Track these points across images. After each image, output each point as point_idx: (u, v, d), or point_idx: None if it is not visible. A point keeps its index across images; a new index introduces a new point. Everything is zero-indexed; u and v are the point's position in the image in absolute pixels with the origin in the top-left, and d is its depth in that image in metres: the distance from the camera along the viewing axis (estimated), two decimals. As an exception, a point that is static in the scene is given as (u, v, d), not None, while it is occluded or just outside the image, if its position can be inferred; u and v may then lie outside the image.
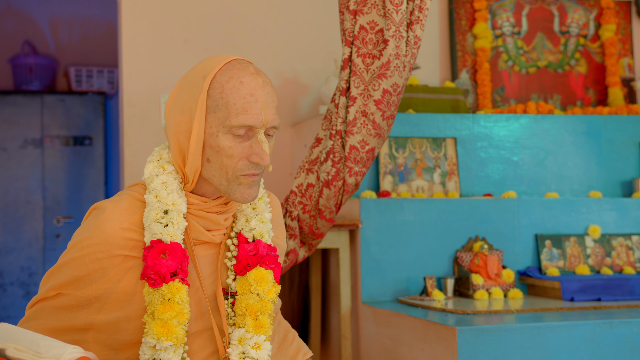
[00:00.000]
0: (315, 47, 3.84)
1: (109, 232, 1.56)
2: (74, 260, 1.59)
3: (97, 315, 1.60)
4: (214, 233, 1.64)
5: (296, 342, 1.88)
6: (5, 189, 5.72)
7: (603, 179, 3.41)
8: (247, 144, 1.55)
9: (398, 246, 3.01)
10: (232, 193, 1.57)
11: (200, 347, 1.64)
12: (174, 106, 1.60)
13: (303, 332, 3.42)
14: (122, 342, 1.61)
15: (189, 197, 1.61)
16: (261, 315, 1.62)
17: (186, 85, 1.59)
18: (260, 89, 1.55)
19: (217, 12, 3.74)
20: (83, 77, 5.84)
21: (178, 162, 1.60)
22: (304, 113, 3.81)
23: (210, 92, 1.55)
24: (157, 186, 1.59)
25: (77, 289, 1.59)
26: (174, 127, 1.58)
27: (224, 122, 1.53)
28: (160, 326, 1.54)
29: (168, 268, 1.55)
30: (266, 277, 1.63)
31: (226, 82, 1.54)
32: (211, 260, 1.66)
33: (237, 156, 1.55)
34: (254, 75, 1.56)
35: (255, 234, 1.66)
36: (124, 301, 1.59)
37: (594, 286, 2.92)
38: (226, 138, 1.54)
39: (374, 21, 2.63)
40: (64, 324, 1.61)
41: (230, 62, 1.58)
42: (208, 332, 1.65)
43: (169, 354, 1.54)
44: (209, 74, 1.56)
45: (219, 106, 1.54)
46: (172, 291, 1.55)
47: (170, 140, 1.60)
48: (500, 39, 3.96)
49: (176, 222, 1.57)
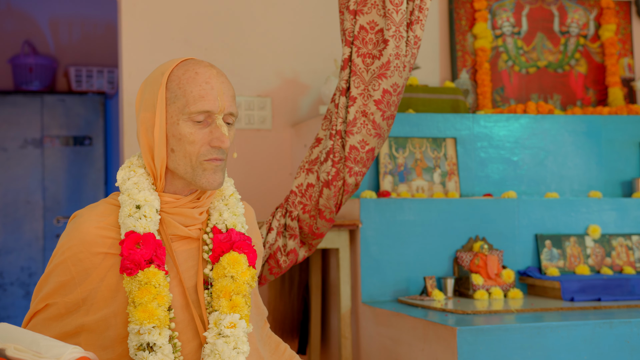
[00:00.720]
0: (315, 47, 3.83)
1: (86, 231, 1.65)
2: (58, 267, 1.66)
3: (86, 317, 1.65)
4: (190, 228, 1.72)
5: (288, 352, 1.95)
6: (5, 189, 5.72)
7: (603, 179, 3.41)
8: (207, 130, 1.65)
9: (398, 246, 3.01)
10: (198, 179, 1.66)
11: (189, 338, 1.68)
12: (139, 107, 1.70)
13: (303, 332, 3.42)
14: (112, 339, 1.65)
15: (162, 196, 1.70)
16: (235, 296, 1.66)
17: (147, 85, 1.69)
18: (215, 77, 1.66)
19: (217, 12, 3.74)
20: (83, 77, 5.84)
21: (148, 160, 1.69)
22: (304, 113, 3.81)
23: (168, 85, 1.65)
24: (129, 186, 1.68)
25: (64, 296, 1.65)
26: (141, 124, 1.68)
27: (184, 110, 1.63)
28: (141, 311, 1.58)
29: (143, 256, 1.61)
30: (239, 260, 1.69)
31: (182, 74, 1.65)
32: (191, 255, 1.72)
33: (198, 142, 1.64)
34: (209, 67, 1.67)
35: (227, 224, 1.74)
36: (109, 298, 1.64)
37: (594, 286, 2.92)
38: (187, 125, 1.64)
39: (374, 21, 2.63)
40: (56, 333, 1.66)
41: (186, 59, 1.70)
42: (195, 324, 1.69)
43: (154, 336, 1.58)
44: (166, 70, 1.67)
45: (177, 96, 1.64)
46: (148, 276, 1.60)
47: (140, 140, 1.69)
48: (500, 39, 3.96)
49: (149, 215, 1.65)
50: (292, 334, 3.36)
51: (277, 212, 2.79)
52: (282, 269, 2.76)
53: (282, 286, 3.32)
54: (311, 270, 3.29)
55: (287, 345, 1.97)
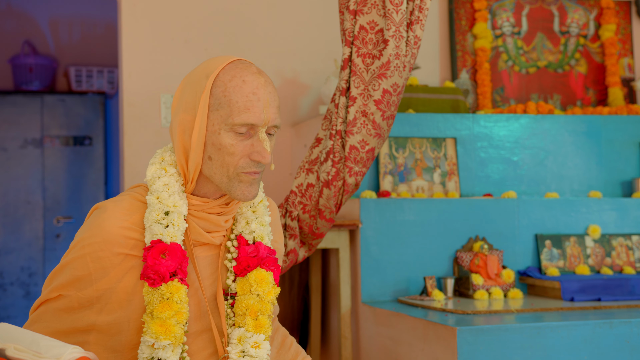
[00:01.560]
0: (315, 47, 3.84)
1: (109, 230, 1.59)
2: (76, 260, 1.61)
3: (99, 316, 1.61)
4: (213, 235, 1.67)
5: (294, 346, 1.91)
6: (5, 189, 5.72)
7: (603, 179, 3.41)
8: (249, 142, 1.58)
9: (398, 246, 3.01)
10: (233, 191, 1.59)
11: (200, 348, 1.65)
12: (178, 106, 1.63)
13: (303, 332, 3.42)
14: (123, 344, 1.62)
15: (190, 198, 1.64)
16: (261, 316, 1.63)
17: (189, 85, 1.62)
18: (263, 88, 1.58)
19: (217, 12, 3.74)
20: (83, 77, 5.84)
21: (181, 161, 1.63)
22: (304, 113, 3.81)
23: (213, 91, 1.58)
24: (159, 188, 1.62)
25: (79, 290, 1.61)
26: (179, 125, 1.61)
27: (227, 120, 1.56)
28: (158, 325, 1.55)
29: (167, 268, 1.56)
30: (266, 279, 1.65)
31: (229, 81, 1.57)
32: (211, 262, 1.68)
33: (238, 154, 1.57)
34: (256, 74, 1.59)
35: (255, 236, 1.68)
36: (125, 301, 1.60)
37: (594, 286, 2.92)
38: (228, 136, 1.57)
39: (374, 21, 2.63)
40: (66, 326, 1.62)
41: (233, 62, 1.61)
42: (208, 333, 1.66)
43: (167, 353, 1.56)
44: (212, 72, 1.59)
45: (222, 104, 1.56)
46: (171, 291, 1.56)
47: (175, 139, 1.63)
48: (500, 39, 3.96)
49: (177, 224, 1.59)
50: (292, 334, 3.36)
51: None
52: (282, 269, 2.77)
53: (282, 286, 3.32)
54: (311, 270, 3.29)
55: (294, 339, 1.93)
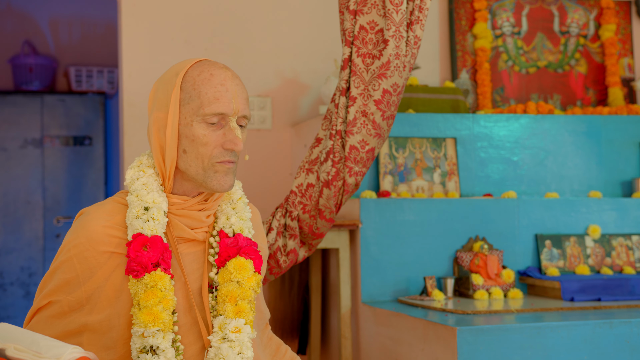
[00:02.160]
0: (315, 47, 3.84)
1: (93, 229, 1.64)
2: (63, 264, 1.66)
3: (90, 317, 1.65)
4: (196, 230, 1.72)
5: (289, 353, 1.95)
6: (5, 189, 5.72)
7: (603, 179, 3.41)
8: (221, 132, 1.66)
9: (398, 246, 3.01)
10: (209, 181, 1.66)
11: (192, 341, 1.68)
12: (152, 106, 1.70)
13: (303, 332, 3.42)
14: (115, 340, 1.65)
15: (170, 197, 1.70)
16: (240, 301, 1.67)
17: (161, 85, 1.69)
18: (230, 80, 1.66)
19: (217, 12, 3.74)
20: (83, 77, 5.84)
21: (159, 159, 1.69)
22: (304, 113, 3.81)
23: (183, 86, 1.65)
24: (137, 187, 1.68)
25: (68, 294, 1.65)
26: (154, 124, 1.68)
27: (198, 112, 1.64)
28: (146, 314, 1.59)
29: (150, 259, 1.61)
30: (245, 265, 1.69)
31: (197, 75, 1.66)
32: (196, 257, 1.72)
33: (212, 144, 1.65)
34: (223, 69, 1.68)
35: (235, 229, 1.74)
36: (113, 298, 1.64)
37: (594, 286, 2.92)
38: (200, 127, 1.64)
39: (374, 21, 2.63)
40: (59, 331, 1.66)
41: (201, 60, 1.70)
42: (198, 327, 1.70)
43: (158, 340, 1.59)
44: (181, 70, 1.67)
45: (192, 97, 1.64)
46: (155, 279, 1.61)
47: (152, 139, 1.69)
48: (500, 39, 3.96)
49: (157, 218, 1.65)
50: (292, 334, 3.36)
51: (277, 212, 2.79)
52: (282, 269, 2.76)
53: (282, 286, 3.32)
54: (311, 270, 3.29)
55: (288, 347, 1.97)
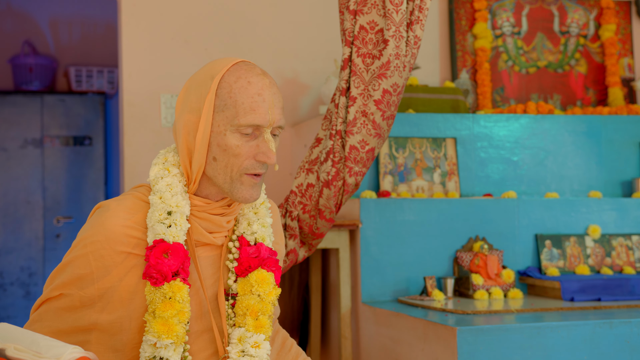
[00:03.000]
0: (315, 47, 3.84)
1: (111, 228, 1.60)
2: (78, 258, 1.62)
3: (100, 315, 1.61)
4: (215, 235, 1.68)
5: (294, 348, 1.92)
6: (5, 189, 5.72)
7: (603, 179, 3.41)
8: (254, 143, 1.60)
9: (398, 246, 3.01)
10: (235, 192, 1.61)
11: (201, 348, 1.66)
12: (182, 107, 1.64)
13: (303, 332, 3.42)
14: (124, 343, 1.63)
15: (193, 199, 1.65)
16: (261, 316, 1.64)
17: (194, 86, 1.63)
18: (268, 89, 1.59)
19: (217, 12, 3.74)
20: (83, 77, 5.84)
21: (185, 161, 1.64)
22: (304, 113, 3.81)
23: (218, 92, 1.59)
24: (161, 188, 1.63)
25: (80, 289, 1.61)
26: (183, 126, 1.62)
27: (232, 121, 1.58)
28: (160, 324, 1.56)
29: (170, 267, 1.57)
30: (267, 279, 1.66)
31: (234, 82, 1.59)
32: (212, 262, 1.69)
33: (244, 155, 1.59)
34: (261, 76, 1.60)
35: (257, 237, 1.70)
36: (126, 300, 1.61)
37: (594, 286, 2.92)
38: (234, 137, 1.58)
39: (374, 21, 2.63)
40: (68, 325, 1.63)
41: (238, 63, 1.62)
42: (209, 333, 1.67)
43: (169, 352, 1.57)
44: (217, 74, 1.60)
45: (227, 105, 1.58)
46: (173, 290, 1.57)
47: (179, 140, 1.64)
48: (500, 39, 3.96)
49: (179, 224, 1.60)
50: (292, 334, 3.36)
51: (277, 212, 2.79)
52: (282, 270, 2.77)
53: (282, 286, 3.32)
54: (311, 270, 3.29)
55: (294, 341, 1.94)
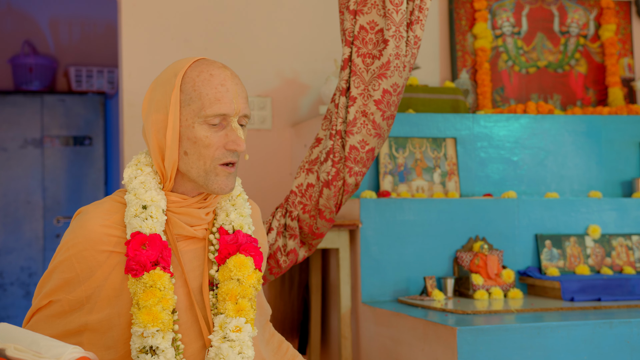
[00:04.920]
0: (315, 47, 3.84)
1: (91, 229, 1.63)
2: (62, 263, 1.65)
3: (90, 316, 1.64)
4: (196, 228, 1.71)
5: (291, 351, 1.94)
6: (5, 189, 5.72)
7: (603, 179, 3.41)
8: (223, 133, 1.65)
9: (398, 246, 3.01)
10: (210, 184, 1.65)
11: (192, 340, 1.68)
12: (149, 107, 1.68)
13: (303, 332, 3.42)
14: (116, 339, 1.65)
15: (169, 195, 1.69)
16: (241, 299, 1.66)
17: (159, 86, 1.67)
18: (230, 79, 1.65)
19: (217, 12, 3.74)
20: (83, 77, 5.84)
21: (158, 160, 1.67)
22: (304, 113, 3.81)
23: (182, 87, 1.64)
24: (135, 185, 1.67)
25: (68, 293, 1.64)
26: (152, 126, 1.66)
27: (199, 113, 1.62)
28: (145, 314, 1.58)
29: (148, 257, 1.60)
30: (245, 263, 1.68)
31: (197, 76, 1.64)
32: (196, 255, 1.72)
33: (214, 145, 1.63)
34: (222, 68, 1.66)
35: (234, 225, 1.73)
36: (113, 297, 1.64)
37: (594, 286, 2.92)
38: (202, 128, 1.63)
39: (374, 21, 2.63)
40: (59, 331, 1.65)
41: (198, 60, 1.68)
42: (198, 325, 1.69)
43: (157, 340, 1.58)
44: (179, 71, 1.65)
45: (193, 98, 1.63)
46: (154, 279, 1.60)
47: (150, 140, 1.67)
48: (500, 39, 3.96)
49: (155, 216, 1.64)
50: (292, 334, 3.36)
51: (277, 212, 2.79)
52: (282, 269, 2.76)
53: (282, 286, 3.32)
54: (311, 270, 3.29)
55: (290, 345, 1.96)
